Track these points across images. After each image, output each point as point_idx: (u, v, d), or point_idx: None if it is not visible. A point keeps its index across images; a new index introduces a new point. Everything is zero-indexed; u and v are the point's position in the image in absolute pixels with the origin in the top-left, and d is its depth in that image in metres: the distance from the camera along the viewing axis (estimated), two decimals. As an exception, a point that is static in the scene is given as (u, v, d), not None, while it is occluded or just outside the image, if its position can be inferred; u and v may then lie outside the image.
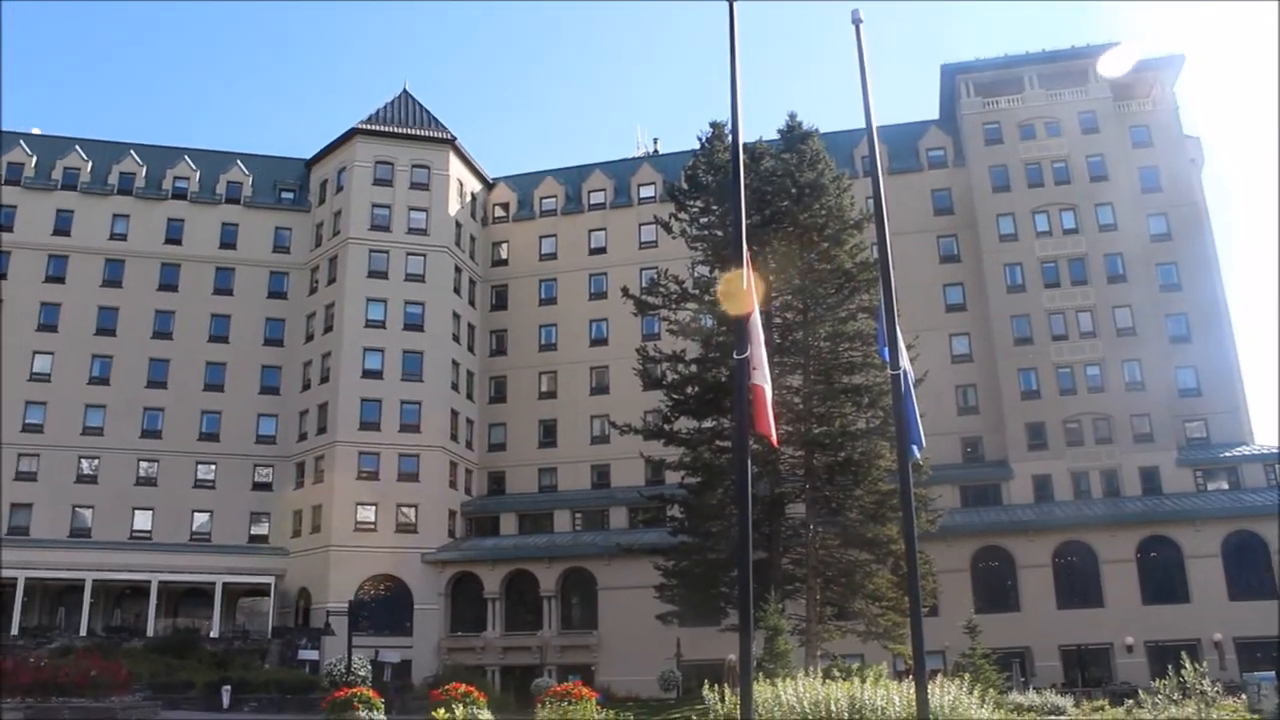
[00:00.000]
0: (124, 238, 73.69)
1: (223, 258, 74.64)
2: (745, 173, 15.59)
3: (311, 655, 61.11)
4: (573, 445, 72.89)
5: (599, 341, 74.71)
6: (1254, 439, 63.78)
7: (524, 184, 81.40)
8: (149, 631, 62.67)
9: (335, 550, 65.33)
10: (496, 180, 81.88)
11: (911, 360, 18.15)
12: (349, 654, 53.00)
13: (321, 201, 76.32)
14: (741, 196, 14.38)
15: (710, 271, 52.74)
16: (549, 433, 74.02)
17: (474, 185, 79.50)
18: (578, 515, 70.57)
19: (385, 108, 78.39)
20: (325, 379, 70.27)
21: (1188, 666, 20.25)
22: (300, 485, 69.66)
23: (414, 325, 71.14)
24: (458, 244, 75.59)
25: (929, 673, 16.42)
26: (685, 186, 53.22)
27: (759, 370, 13.53)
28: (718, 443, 48.46)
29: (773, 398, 14.50)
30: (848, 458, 46.19)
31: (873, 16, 18.42)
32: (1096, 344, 65.65)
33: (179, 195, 75.48)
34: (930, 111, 78.18)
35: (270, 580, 66.16)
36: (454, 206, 75.74)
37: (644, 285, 59.83)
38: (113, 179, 74.71)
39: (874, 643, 46.89)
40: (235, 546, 68.29)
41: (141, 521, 68.26)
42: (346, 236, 72.43)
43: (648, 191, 76.87)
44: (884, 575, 46.19)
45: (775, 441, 15.21)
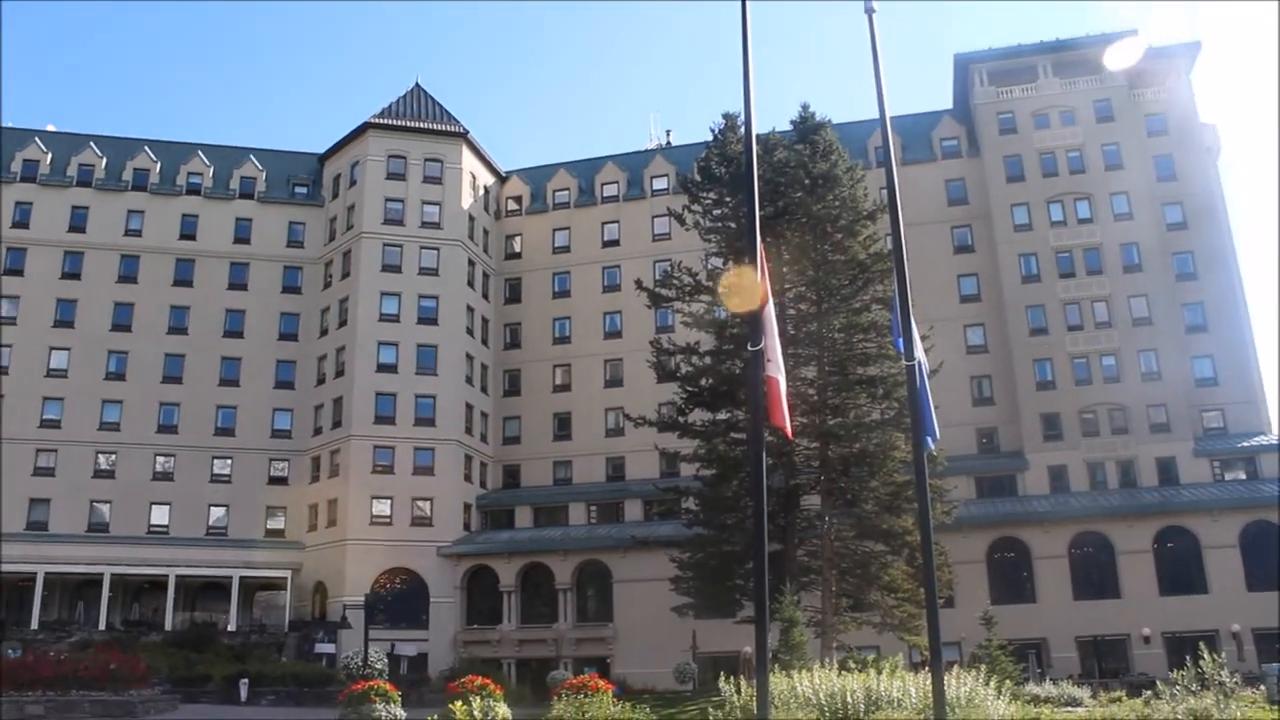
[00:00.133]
0: (139, 234, 73.94)
1: (237, 253, 74.86)
2: (758, 164, 15.55)
3: (328, 648, 61.40)
4: (587, 438, 72.93)
5: (613, 334, 74.70)
6: (1272, 429, 63.34)
7: (537, 177, 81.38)
8: (167, 625, 63.03)
9: (351, 544, 65.55)
10: (509, 173, 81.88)
11: (926, 351, 18.08)
12: (365, 647, 53.22)
13: (335, 196, 76.46)
14: (755, 188, 14.34)
15: (724, 263, 52.68)
16: (563, 426, 74.07)
17: (487, 178, 79.51)
18: (592, 508, 70.65)
19: (398, 102, 78.42)
20: (340, 373, 70.46)
21: (1206, 657, 20.15)
22: (316, 479, 69.87)
23: (428, 319, 71.25)
24: (471, 237, 75.63)
25: (945, 664, 16.37)
26: (698, 178, 53.18)
27: (773, 362, 13.49)
28: (732, 435, 48.46)
29: (787, 389, 14.46)
30: (863, 449, 46.14)
31: (885, 7, 18.34)
32: (1112, 334, 65.36)
33: (193, 191, 75.71)
34: (944, 101, 77.77)
35: (286, 574, 66.41)
36: (467, 200, 75.77)
37: (657, 278, 59.78)
38: (127, 175, 74.94)
39: (890, 634, 46.94)
40: (251, 541, 68.47)
41: (158, 516, 68.56)
42: (360, 231, 72.56)
43: (660, 184, 76.79)
44: (899, 567, 46.17)
45: (790, 433, 15.18)
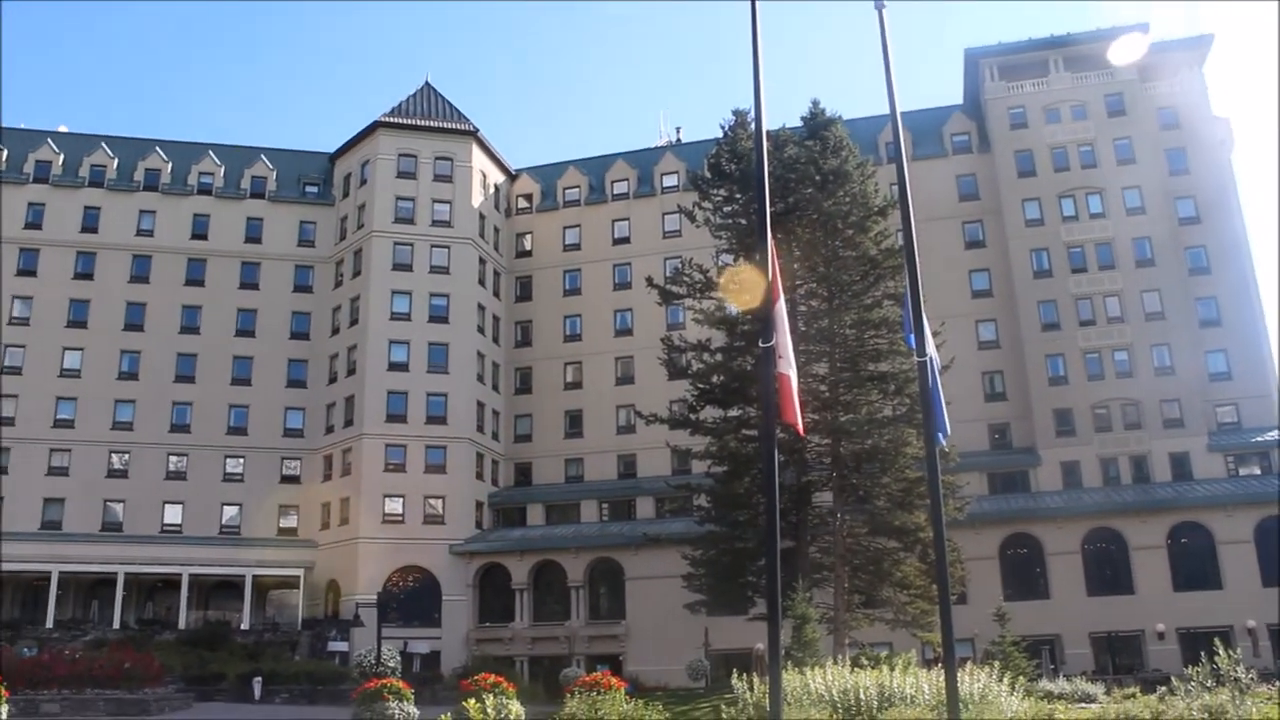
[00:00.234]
0: (150, 234, 74.16)
1: (248, 252, 75.02)
2: (768, 160, 15.52)
3: (341, 647, 61.55)
4: (599, 435, 72.93)
5: (624, 332, 74.68)
6: (1286, 423, 63.12)
7: (547, 175, 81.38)
8: (180, 624, 63.25)
9: (363, 542, 65.68)
10: (519, 171, 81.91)
11: (938, 347, 18.07)
12: (378, 645, 53.32)
13: (345, 195, 76.57)
14: (765, 184, 14.32)
15: (734, 260, 52.59)
16: (575, 423, 74.09)
17: (497, 177, 79.56)
18: (604, 505, 70.67)
19: (407, 101, 78.49)
20: (351, 372, 70.60)
21: (1221, 653, 20.04)
22: (328, 478, 70.01)
23: (439, 317, 71.34)
24: (481, 235, 75.68)
25: (958, 661, 16.33)
26: (708, 175, 53.08)
27: (784, 359, 13.47)
28: (744, 431, 48.42)
29: (798, 386, 14.43)
30: (874, 445, 46.05)
31: (896, 3, 18.27)
32: (1124, 329, 65.10)
33: (204, 191, 75.91)
34: (954, 97, 77.64)
35: (299, 572, 66.59)
36: (477, 198, 75.82)
37: (668, 275, 59.72)
38: (139, 175, 75.15)
39: (902, 631, 46.83)
40: (264, 539, 68.67)
41: (172, 515, 68.78)
42: (370, 230, 72.66)
43: (671, 181, 76.71)
44: (912, 563, 46.09)
45: (801, 430, 15.15)
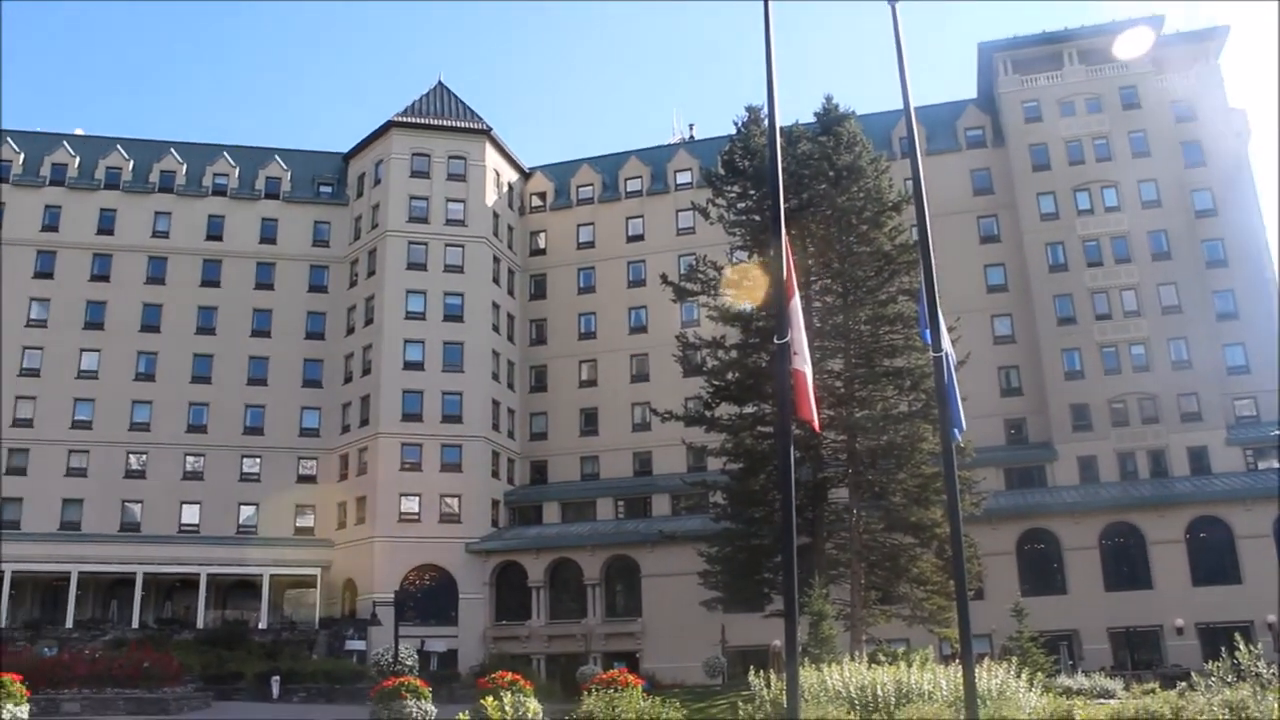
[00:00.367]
0: (166, 235, 74.49)
1: (263, 253, 75.26)
2: (782, 156, 15.48)
3: (358, 645, 61.74)
4: (614, 433, 72.96)
5: (638, 329, 74.67)
6: (1305, 416, 62.70)
7: (560, 173, 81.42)
8: (199, 623, 63.55)
9: (380, 541, 65.83)
10: (533, 170, 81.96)
11: (953, 342, 18.01)
12: (395, 644, 53.40)
13: (359, 195, 76.74)
14: (779, 180, 14.28)
15: (748, 257, 52.59)
16: (590, 421, 74.13)
17: (511, 175, 79.62)
18: (620, 503, 70.70)
19: (421, 100, 78.59)
20: (367, 371, 70.77)
21: (1241, 648, 19.93)
22: (344, 477, 70.20)
23: (454, 316, 71.45)
24: (496, 234, 75.76)
25: (976, 657, 16.27)
26: (722, 172, 53.02)
27: (800, 355, 13.43)
28: (759, 428, 48.37)
29: (814, 382, 14.39)
30: (890, 441, 45.96)
31: (909, -5, 18.18)
32: (1141, 323, 64.80)
33: (219, 192, 76.17)
34: (968, 91, 77.43)
35: (316, 572, 66.81)
36: (491, 197, 75.89)
37: (682, 272, 59.70)
38: (154, 177, 75.46)
39: (919, 627, 46.69)
40: (281, 539, 68.92)
41: (189, 515, 69.06)
42: (385, 229, 72.80)
43: (684, 178, 76.65)
44: (928, 559, 45.98)
45: (817, 426, 15.09)
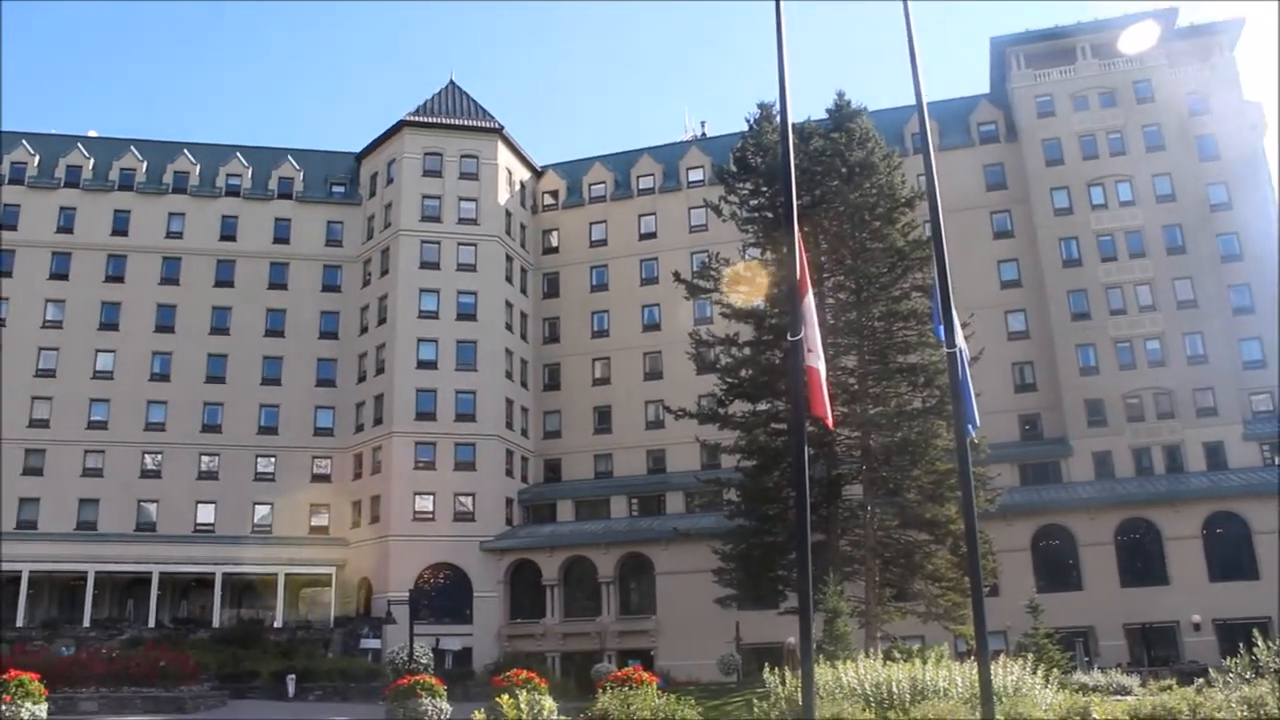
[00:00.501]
0: (180, 235, 74.74)
1: (276, 253, 75.47)
2: (794, 153, 15.43)
3: (373, 644, 61.90)
4: (628, 431, 72.96)
5: (651, 327, 74.65)
6: (1323, 411, 62.37)
7: (572, 171, 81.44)
8: (214, 623, 63.75)
9: (394, 540, 65.98)
10: (545, 168, 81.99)
11: (967, 338, 17.95)
12: (411, 642, 53.55)
13: (372, 194, 76.89)
14: (792, 177, 14.25)
15: (761, 253, 52.54)
16: (603, 419, 74.14)
17: (523, 174, 79.67)
18: (634, 501, 70.71)
19: (432, 99, 78.70)
20: (380, 370, 70.90)
21: (1259, 644, 19.82)
22: (358, 476, 70.35)
23: (467, 315, 71.54)
24: (508, 233, 75.83)
25: (991, 653, 16.23)
26: (734, 169, 52.95)
27: (813, 352, 13.41)
28: (773, 425, 48.31)
29: (827, 379, 14.36)
30: (904, 438, 45.81)
31: (921, -10, 18.12)
32: (1156, 317, 64.51)
33: (232, 192, 76.39)
34: (980, 86, 77.14)
35: (331, 571, 66.99)
36: (503, 195, 75.95)
37: (695, 269, 59.63)
38: (167, 178, 75.70)
39: (934, 624, 46.56)
40: (296, 538, 69.13)
41: (204, 515, 69.32)
42: (397, 228, 72.93)
43: (696, 175, 76.58)
44: (943, 555, 45.85)
45: (831, 423, 15.06)
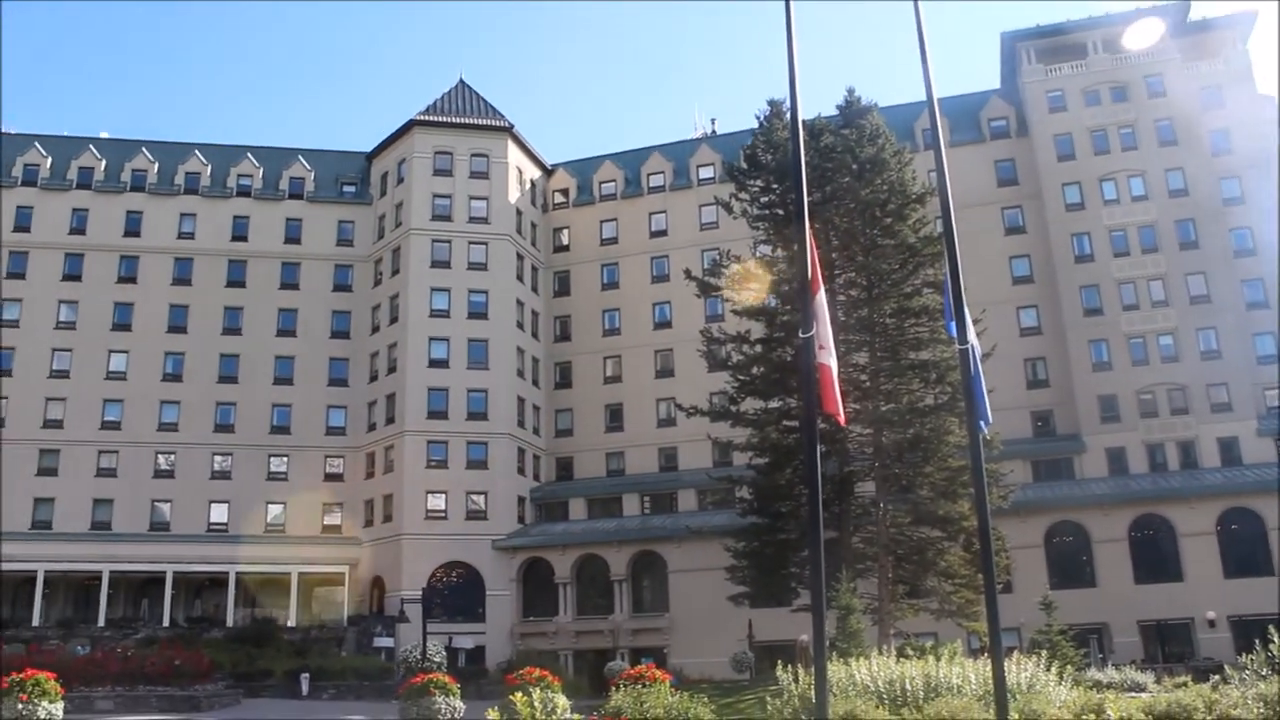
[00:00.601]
0: (191, 236, 74.98)
1: (288, 253, 75.61)
2: (805, 150, 15.40)
3: (387, 642, 61.98)
4: (639, 429, 72.95)
5: (662, 324, 74.64)
6: (1338, 406, 62.04)
7: (583, 169, 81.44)
8: (228, 621, 63.93)
9: (407, 538, 66.09)
10: (555, 166, 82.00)
11: (979, 334, 17.86)
12: (424, 641, 53.72)
13: (383, 194, 77.03)
14: (802, 174, 14.22)
15: (772, 250, 52.52)
16: (615, 417, 74.15)
17: (533, 172, 79.71)
18: (646, 498, 70.69)
19: (442, 99, 78.78)
20: (392, 369, 71.00)
21: (1276, 641, 19.71)
22: (371, 475, 70.47)
23: (478, 313, 71.59)
24: (519, 231, 75.89)
25: (1004, 650, 16.18)
26: (745, 166, 52.93)
27: (825, 349, 13.38)
28: (785, 423, 48.26)
29: (839, 376, 14.34)
30: (916, 434, 45.75)
31: (931, -15, 18.05)
32: (1169, 313, 64.27)
33: (243, 193, 76.58)
34: (991, 81, 76.90)
35: (344, 569, 67.14)
36: (514, 194, 76.00)
37: (706, 266, 59.58)
38: (179, 179, 75.93)
39: (947, 620, 46.53)
40: (309, 537, 69.31)
41: (218, 514, 69.51)
42: (408, 228, 73.03)
43: (707, 172, 76.52)
44: (956, 552, 45.74)
45: (843, 420, 15.05)
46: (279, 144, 79.72)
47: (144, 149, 76.51)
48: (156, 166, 75.91)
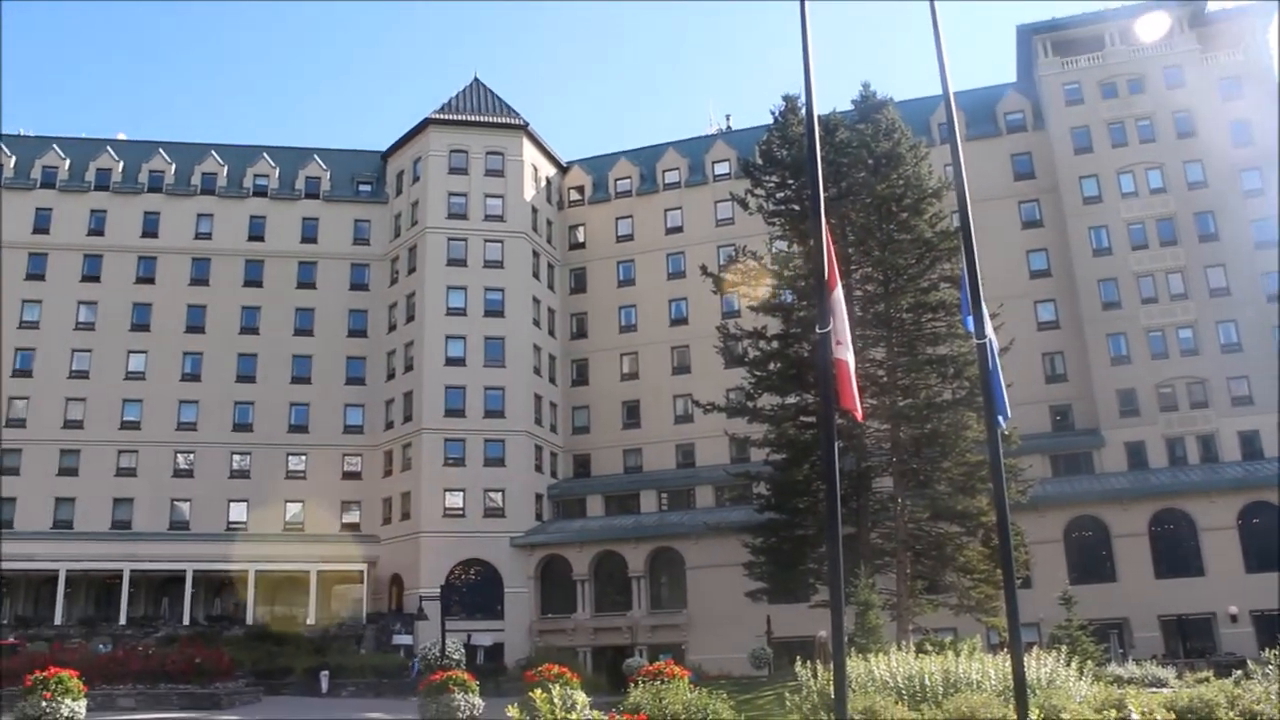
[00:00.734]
0: (209, 236, 75.32)
1: (305, 252, 75.87)
2: (820, 145, 15.33)
3: (405, 640, 62.15)
4: (656, 425, 72.94)
5: (679, 321, 74.60)
6: (1359, 398, 61.51)
7: (598, 166, 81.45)
8: (248, 619, 64.24)
9: (425, 536, 66.26)
10: (570, 164, 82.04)
11: (996, 329, 17.76)
12: (443, 638, 53.76)
13: (398, 193, 77.20)
14: (818, 169, 14.16)
15: (788, 246, 52.45)
16: (632, 414, 74.15)
17: (548, 170, 79.75)
18: (664, 495, 70.69)
19: (457, 97, 78.88)
20: (409, 368, 71.18)
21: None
22: (389, 473, 70.69)
23: (494, 311, 71.69)
24: (534, 229, 75.95)
25: (1024, 646, 16.11)
26: (760, 162, 52.88)
27: (842, 344, 13.32)
28: (802, 418, 48.22)
29: (856, 371, 14.28)
30: (934, 429, 45.62)
31: (946, -21, 17.97)
32: (1188, 306, 63.89)
33: (260, 193, 76.88)
34: (1006, 75, 76.55)
35: (363, 567, 67.36)
36: (529, 192, 76.06)
37: (721, 263, 59.56)
38: (196, 180, 76.31)
39: (966, 616, 46.42)
40: (328, 535, 69.54)
41: (237, 513, 69.85)
42: (424, 226, 73.17)
43: (722, 169, 76.44)
44: (975, 547, 45.63)
45: (860, 416, 14.96)
46: (294, 144, 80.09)
47: (161, 150, 76.91)
48: (173, 167, 76.26)
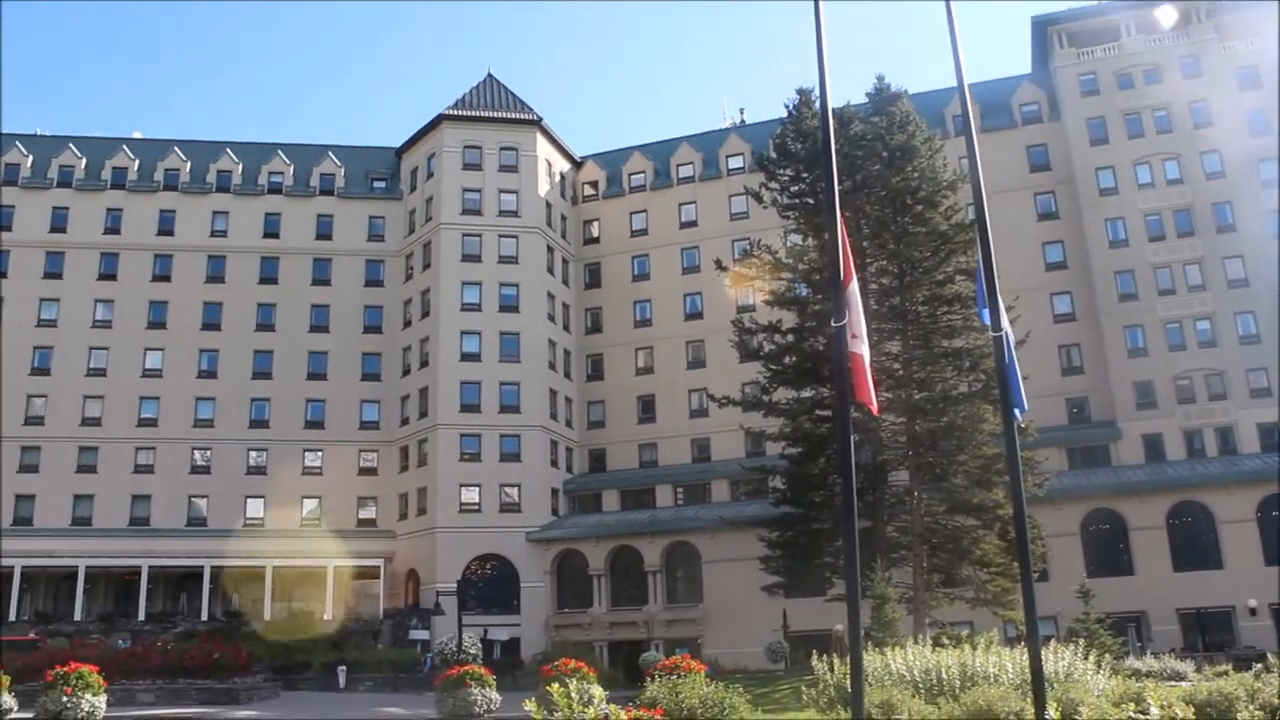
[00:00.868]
0: (224, 234, 75.57)
1: (320, 249, 76.06)
2: (835, 138, 15.29)
3: (422, 635, 62.32)
4: (672, 420, 72.91)
5: (694, 315, 74.52)
6: (1379, 389, 61.10)
7: (612, 161, 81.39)
8: (265, 615, 64.41)
9: (441, 531, 66.43)
10: (584, 159, 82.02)
11: (1012, 321, 17.71)
12: (459, 633, 53.93)
13: (413, 189, 77.32)
14: (833, 162, 14.13)
15: (803, 240, 52.38)
16: (647, 408, 74.15)
17: (562, 165, 79.75)
18: (679, 489, 70.66)
19: (471, 93, 78.96)
20: (425, 363, 71.32)
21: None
22: (405, 469, 70.88)
23: (509, 307, 71.77)
24: (549, 224, 75.98)
25: (1041, 639, 16.06)
26: (774, 155, 52.80)
27: (858, 338, 13.31)
28: (818, 412, 48.21)
29: (871, 364, 14.26)
30: (950, 423, 45.55)
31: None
32: (1206, 297, 63.48)
33: (275, 190, 77.06)
34: (1021, 66, 76.23)
35: (380, 563, 67.51)
36: (543, 187, 76.09)
37: (736, 257, 59.50)
38: (211, 177, 76.55)
39: (983, 610, 46.34)
40: (345, 531, 69.66)
41: (254, 509, 70.13)
42: (439, 222, 73.26)
43: (736, 162, 76.29)
44: (991, 541, 45.56)
45: (876, 409, 14.94)
46: (309, 141, 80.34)
47: (176, 148, 77.19)
48: (188, 165, 76.53)
